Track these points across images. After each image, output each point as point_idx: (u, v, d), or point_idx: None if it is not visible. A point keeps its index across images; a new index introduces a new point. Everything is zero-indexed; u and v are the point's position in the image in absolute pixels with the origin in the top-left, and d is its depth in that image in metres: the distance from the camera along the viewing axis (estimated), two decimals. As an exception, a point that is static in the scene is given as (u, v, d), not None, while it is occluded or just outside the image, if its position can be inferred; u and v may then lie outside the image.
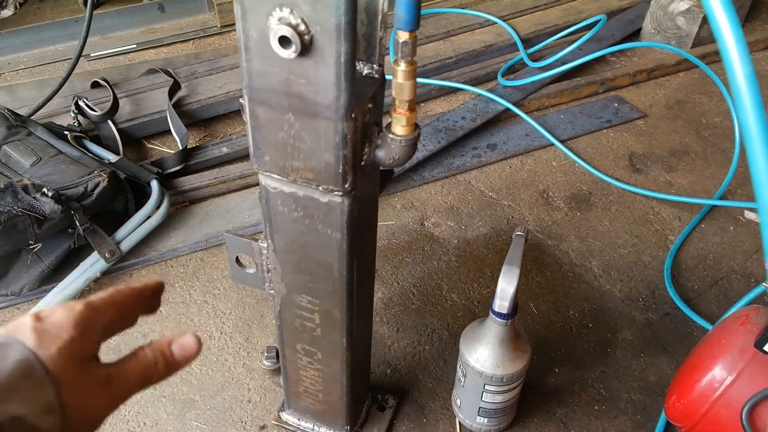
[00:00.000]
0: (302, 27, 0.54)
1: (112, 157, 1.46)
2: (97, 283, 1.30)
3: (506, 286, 0.88)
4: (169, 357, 0.46)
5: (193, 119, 1.76)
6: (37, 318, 0.42)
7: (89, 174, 1.30)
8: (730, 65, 0.41)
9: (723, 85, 1.74)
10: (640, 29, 2.16)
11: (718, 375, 0.90)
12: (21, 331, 0.40)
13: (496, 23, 2.13)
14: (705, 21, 2.00)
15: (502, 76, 1.90)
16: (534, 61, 1.94)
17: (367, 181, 0.73)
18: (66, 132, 1.49)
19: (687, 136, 1.78)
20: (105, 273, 1.29)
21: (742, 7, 2.18)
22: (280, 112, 0.62)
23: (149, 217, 1.36)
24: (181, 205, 1.49)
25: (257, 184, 1.54)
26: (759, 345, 0.84)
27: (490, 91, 1.82)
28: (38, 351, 0.39)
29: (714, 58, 2.03)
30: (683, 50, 1.96)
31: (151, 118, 1.70)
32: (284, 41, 0.55)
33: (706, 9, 0.41)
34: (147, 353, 0.46)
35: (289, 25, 0.54)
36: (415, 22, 0.57)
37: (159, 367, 0.46)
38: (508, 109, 1.78)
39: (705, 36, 2.04)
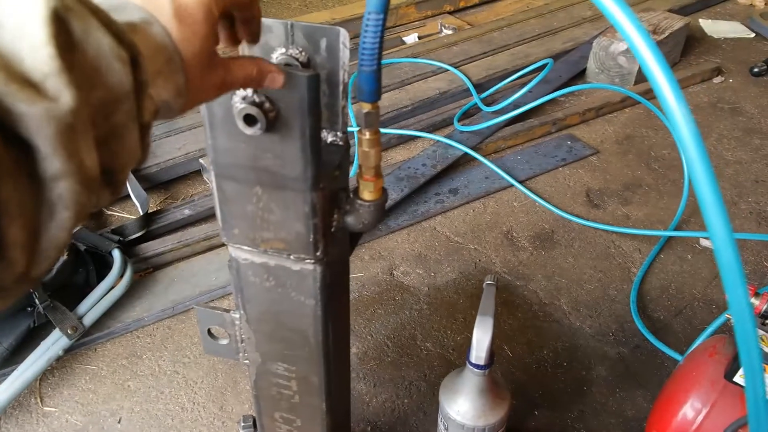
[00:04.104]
0: (267, 105, 0.55)
1: (70, 228, 1.42)
2: (59, 361, 1.25)
3: (481, 337, 0.89)
4: (261, 80, 0.50)
5: (152, 182, 1.74)
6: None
7: (47, 248, 1.26)
8: (673, 118, 0.44)
9: (666, 119, 1.82)
10: (585, 69, 2.25)
11: (692, 408, 0.91)
12: (160, 10, 0.40)
13: (448, 70, 2.19)
14: (644, 59, 2.11)
15: (458, 121, 1.95)
16: (487, 105, 2.00)
17: (337, 246, 0.73)
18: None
19: (638, 170, 1.85)
20: (68, 350, 1.24)
21: (677, 45, 2.31)
22: (248, 186, 0.62)
23: (112, 287, 1.33)
24: (145, 272, 1.46)
25: (223, 245, 1.52)
26: (729, 376, 0.86)
27: (447, 137, 1.86)
28: (177, 40, 0.40)
29: (656, 93, 2.13)
30: (626, 89, 2.06)
31: (110, 184, 1.67)
32: (249, 119, 0.55)
33: (640, 62, 0.43)
34: (251, 68, 0.48)
35: (254, 103, 0.55)
36: (376, 93, 0.58)
37: (254, 80, 0.49)
38: (466, 153, 1.82)
39: (645, 73, 2.15)
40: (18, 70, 0.30)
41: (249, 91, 0.55)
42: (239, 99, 0.55)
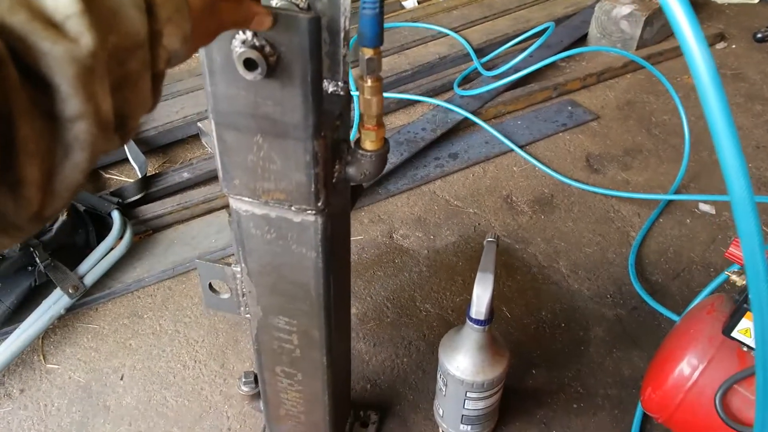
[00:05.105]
0: (267, 49, 0.54)
1: (69, 190, 1.42)
2: (61, 320, 1.26)
3: (482, 293, 0.89)
4: (248, 23, 0.50)
5: (151, 146, 1.73)
6: None
7: (46, 208, 1.26)
8: (694, 66, 0.44)
9: (669, 83, 1.81)
10: (586, 34, 2.22)
11: (690, 364, 0.92)
12: None
13: (448, 35, 2.16)
14: (647, 23, 2.08)
15: (458, 86, 1.93)
16: (488, 69, 1.98)
17: (339, 198, 0.73)
18: (19, 167, 1.44)
19: (639, 135, 1.84)
20: (69, 309, 1.25)
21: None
22: (249, 135, 0.62)
23: (112, 248, 1.33)
24: (145, 234, 1.46)
25: (222, 207, 1.52)
26: (727, 331, 0.87)
27: (447, 101, 1.85)
28: None
29: (658, 58, 2.11)
30: (629, 52, 2.04)
31: (107, 148, 1.66)
32: (250, 64, 0.54)
33: (669, 17, 0.43)
34: (238, 12, 0.48)
35: (254, 47, 0.54)
36: (378, 38, 0.58)
37: (241, 24, 0.49)
38: (466, 118, 1.81)
39: (648, 38, 2.12)
40: (40, 9, 0.30)
41: (249, 35, 0.54)
42: (239, 43, 0.54)
